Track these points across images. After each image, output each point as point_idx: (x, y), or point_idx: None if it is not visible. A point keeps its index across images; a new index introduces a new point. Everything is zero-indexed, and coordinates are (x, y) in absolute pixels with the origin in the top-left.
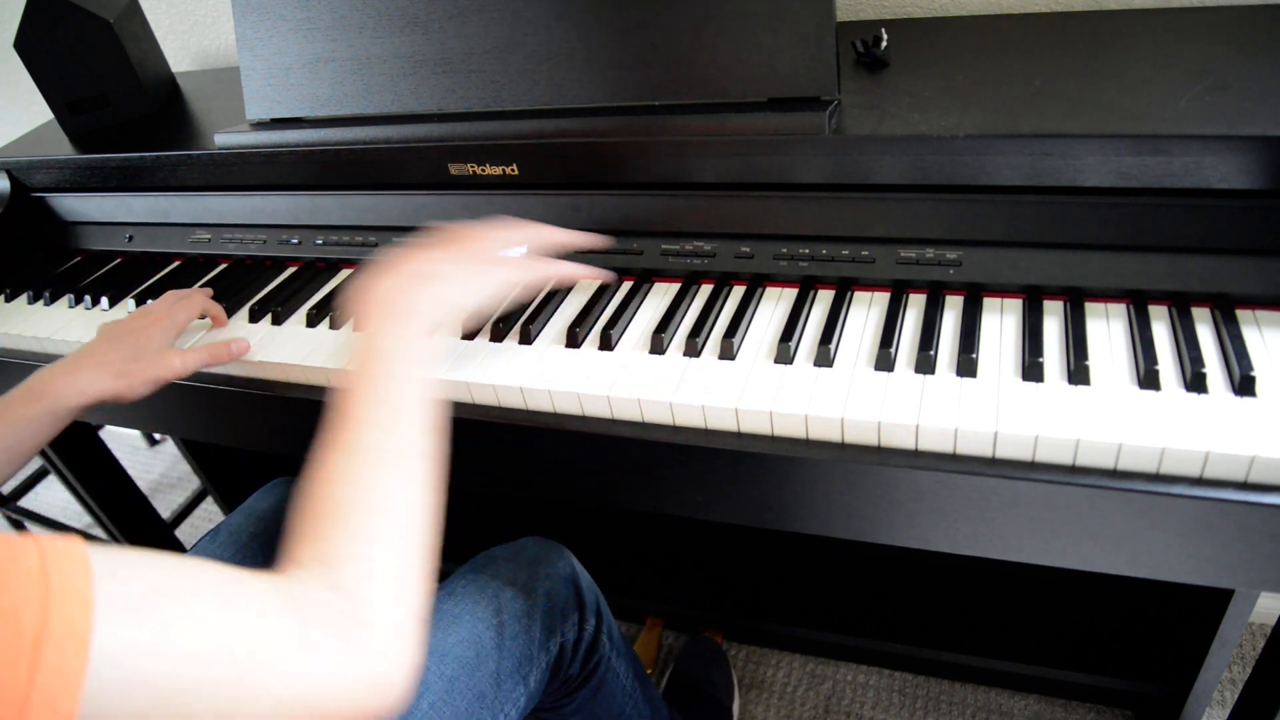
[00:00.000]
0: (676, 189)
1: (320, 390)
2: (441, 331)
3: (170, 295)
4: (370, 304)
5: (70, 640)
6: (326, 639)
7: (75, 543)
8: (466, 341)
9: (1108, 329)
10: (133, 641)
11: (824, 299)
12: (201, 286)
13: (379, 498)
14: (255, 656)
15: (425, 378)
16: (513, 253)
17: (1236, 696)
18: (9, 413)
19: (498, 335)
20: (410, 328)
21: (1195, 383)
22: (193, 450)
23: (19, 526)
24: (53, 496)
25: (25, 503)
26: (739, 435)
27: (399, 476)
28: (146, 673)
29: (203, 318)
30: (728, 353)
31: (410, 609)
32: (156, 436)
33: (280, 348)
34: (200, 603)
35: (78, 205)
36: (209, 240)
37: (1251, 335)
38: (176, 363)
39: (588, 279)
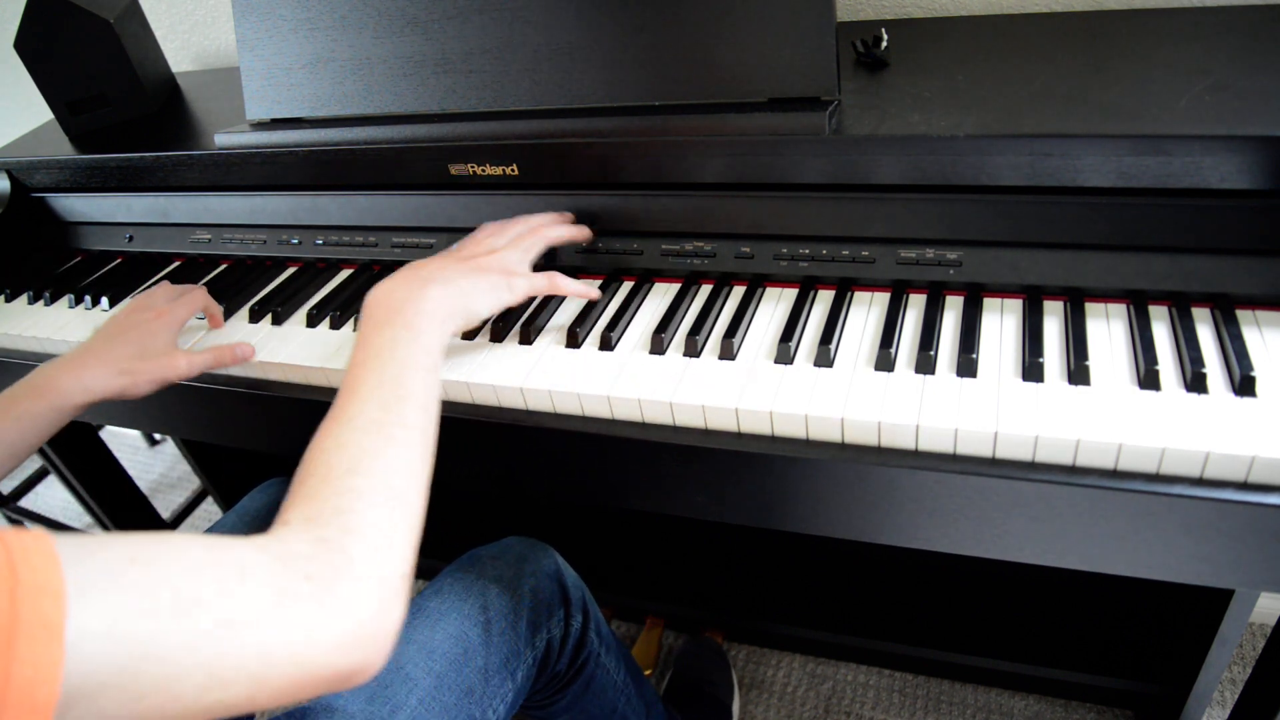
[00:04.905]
0: (676, 189)
1: (320, 390)
2: (448, 332)
3: (167, 287)
4: (378, 305)
5: (43, 632)
6: (309, 590)
7: (40, 535)
8: (466, 341)
9: (1108, 329)
10: (115, 606)
11: (824, 299)
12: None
13: (369, 461)
14: (238, 611)
15: (429, 369)
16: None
17: (1236, 696)
18: (13, 408)
19: (497, 335)
20: (415, 325)
21: (1195, 383)
22: (193, 450)
23: (19, 526)
24: (53, 496)
25: (25, 503)
26: (739, 435)
27: (392, 444)
28: (130, 635)
29: (200, 317)
30: (728, 353)
31: (394, 565)
32: (156, 436)
33: (280, 348)
34: (179, 565)
35: (78, 205)
36: (209, 240)
37: (1251, 335)
38: (183, 364)
39: (579, 296)
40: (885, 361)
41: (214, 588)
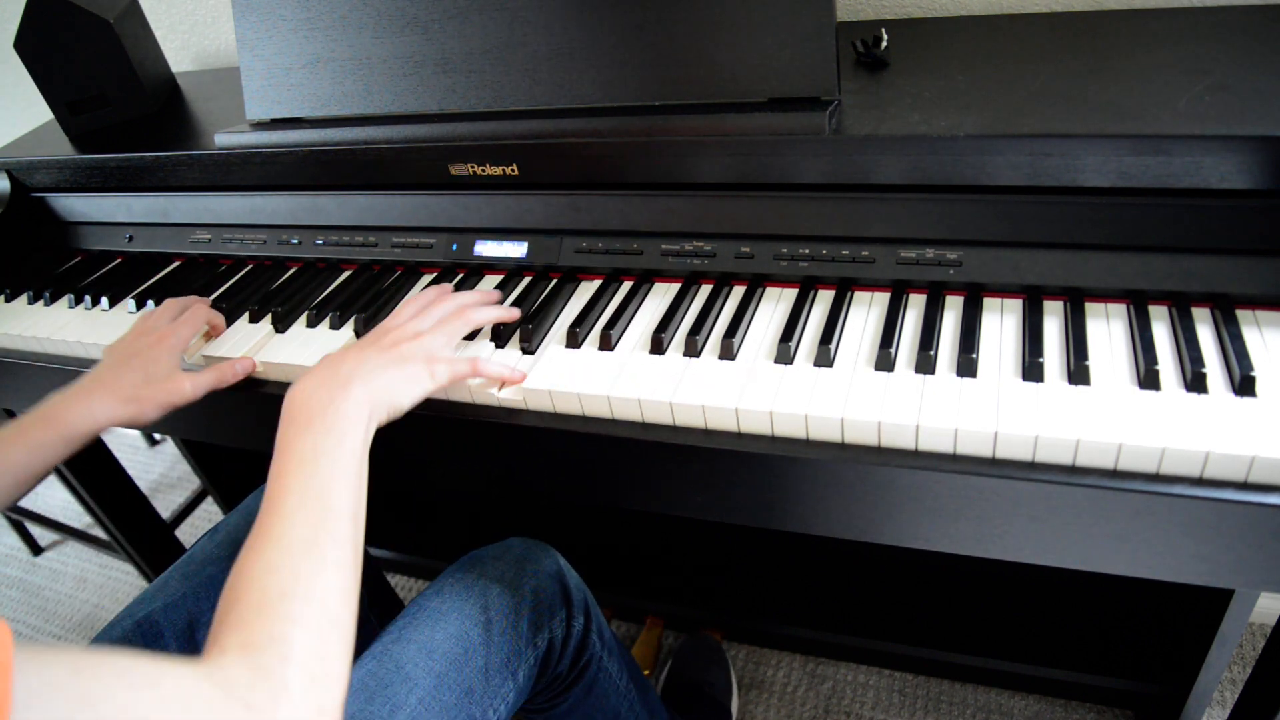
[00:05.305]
0: (676, 189)
1: None
2: (372, 430)
3: (170, 305)
4: (299, 408)
5: None
6: (248, 718)
7: None
8: (467, 342)
9: (1108, 329)
10: None
11: (824, 299)
12: (201, 287)
13: (302, 585)
14: None
15: (355, 473)
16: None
17: (1236, 696)
18: (23, 437)
19: (498, 336)
20: (338, 429)
21: (1195, 383)
22: (193, 450)
23: (19, 527)
24: (53, 496)
25: (25, 503)
26: (739, 435)
27: (323, 566)
28: None
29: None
30: (728, 353)
31: (330, 688)
32: (156, 436)
33: (281, 348)
34: (122, 686)
35: (78, 205)
36: (209, 240)
37: (1251, 335)
38: (188, 387)
39: (505, 379)
40: (885, 361)
41: (155, 712)
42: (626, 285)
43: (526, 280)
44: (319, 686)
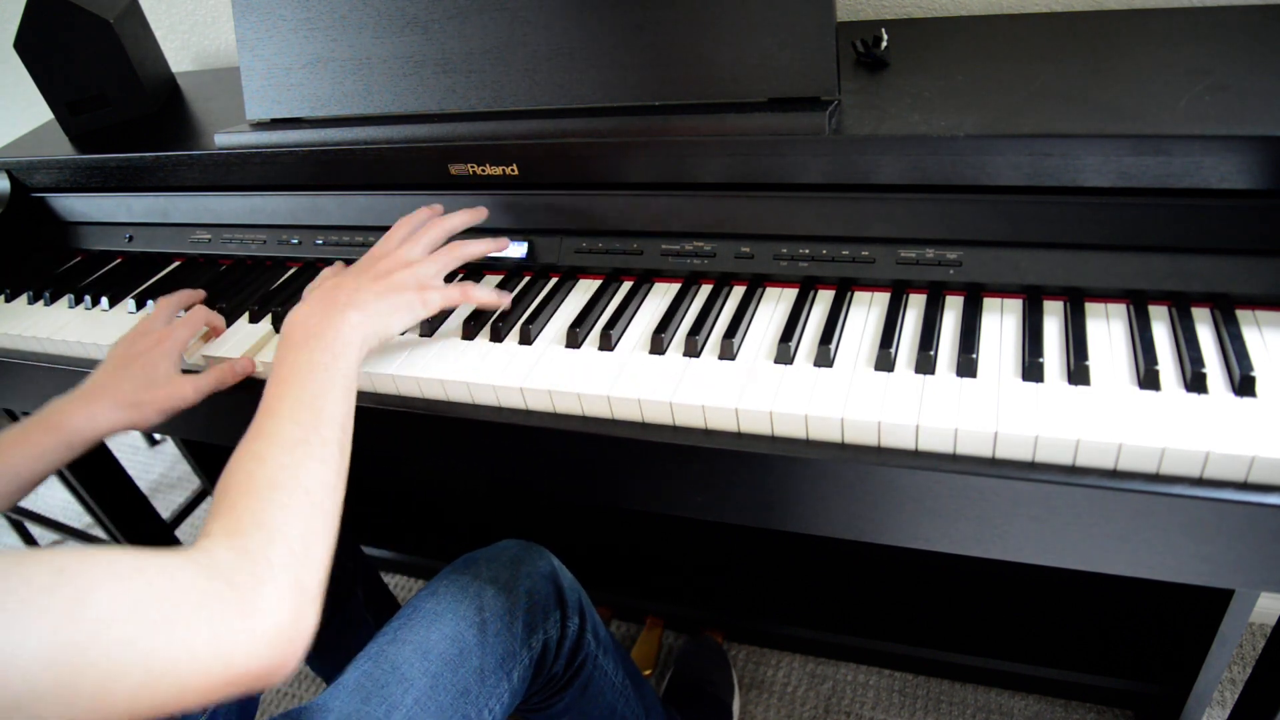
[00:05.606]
0: (676, 189)
1: None
2: (364, 353)
3: (164, 305)
4: (296, 328)
5: None
6: (233, 597)
7: None
8: (466, 341)
9: (1108, 329)
10: (48, 621)
11: (824, 299)
12: (201, 287)
13: (289, 475)
14: (167, 617)
15: (346, 390)
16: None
17: (1236, 696)
18: (26, 441)
19: (497, 335)
20: (333, 349)
21: (1195, 383)
22: (193, 450)
23: (19, 527)
24: (53, 496)
25: (25, 503)
26: (739, 435)
27: (311, 460)
28: (65, 647)
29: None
30: (728, 353)
31: (311, 572)
32: (156, 436)
33: None
34: (109, 578)
35: (78, 205)
36: (209, 240)
37: (1251, 335)
38: (189, 391)
39: (492, 306)
40: (885, 361)
41: (144, 597)
42: (626, 285)
43: (526, 280)
44: (300, 564)
